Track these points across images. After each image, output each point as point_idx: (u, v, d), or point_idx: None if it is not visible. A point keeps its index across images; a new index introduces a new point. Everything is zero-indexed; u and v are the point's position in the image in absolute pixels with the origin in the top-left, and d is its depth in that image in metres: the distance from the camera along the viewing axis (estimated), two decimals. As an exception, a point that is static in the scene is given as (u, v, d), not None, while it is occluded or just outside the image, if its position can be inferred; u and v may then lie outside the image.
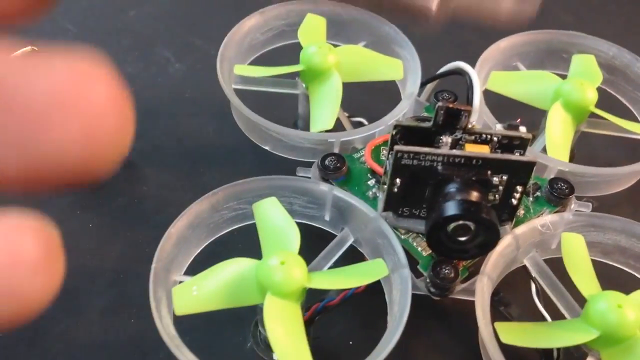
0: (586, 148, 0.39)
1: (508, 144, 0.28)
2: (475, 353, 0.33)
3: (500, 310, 0.32)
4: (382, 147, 0.34)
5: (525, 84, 0.36)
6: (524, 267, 0.32)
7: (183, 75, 0.46)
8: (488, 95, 0.37)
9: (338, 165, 0.32)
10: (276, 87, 0.38)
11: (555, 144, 0.33)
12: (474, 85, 0.35)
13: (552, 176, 0.33)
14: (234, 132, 0.42)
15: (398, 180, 0.28)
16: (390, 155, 0.29)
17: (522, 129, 0.28)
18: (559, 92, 0.35)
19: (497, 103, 0.37)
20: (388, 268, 0.29)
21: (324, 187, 0.31)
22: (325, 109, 0.34)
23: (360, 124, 0.37)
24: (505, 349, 0.27)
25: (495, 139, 0.28)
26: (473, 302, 0.32)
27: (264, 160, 0.40)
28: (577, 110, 0.35)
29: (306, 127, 0.36)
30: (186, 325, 0.26)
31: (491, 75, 0.37)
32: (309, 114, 0.37)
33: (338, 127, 0.36)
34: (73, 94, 0.09)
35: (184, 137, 0.42)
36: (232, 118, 0.41)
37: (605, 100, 0.38)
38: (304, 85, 0.37)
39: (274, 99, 0.41)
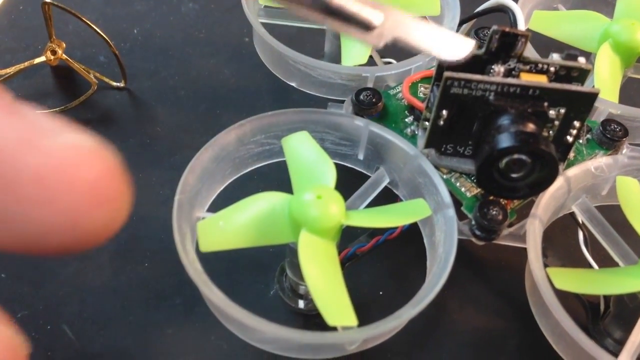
0: (626, 96, 0.37)
1: (566, 75, 0.26)
2: (514, 307, 0.31)
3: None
4: (419, 84, 0.31)
5: (570, 24, 0.34)
6: (564, 217, 0.30)
7: (196, 15, 0.43)
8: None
9: (374, 100, 0.30)
10: (303, 21, 0.35)
11: (605, 85, 0.31)
12: (519, 22, 0.32)
13: (602, 119, 0.31)
14: (252, 74, 0.39)
15: (444, 112, 0.26)
16: (434, 87, 0.27)
17: (581, 59, 0.26)
18: (607, 33, 0.33)
19: (537, 45, 0.34)
20: (430, 209, 0.27)
21: (360, 122, 0.29)
22: (359, 42, 0.31)
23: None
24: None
25: (552, 69, 0.26)
26: (514, 251, 0.30)
27: (284, 103, 0.38)
28: (627, 52, 0.32)
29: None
30: (207, 271, 0.24)
31: (534, 14, 0.34)
32: (336, 52, 0.35)
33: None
34: (62, 172, 0.10)
35: (199, 78, 0.39)
36: (250, 60, 0.39)
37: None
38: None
39: (297, 38, 0.38)
